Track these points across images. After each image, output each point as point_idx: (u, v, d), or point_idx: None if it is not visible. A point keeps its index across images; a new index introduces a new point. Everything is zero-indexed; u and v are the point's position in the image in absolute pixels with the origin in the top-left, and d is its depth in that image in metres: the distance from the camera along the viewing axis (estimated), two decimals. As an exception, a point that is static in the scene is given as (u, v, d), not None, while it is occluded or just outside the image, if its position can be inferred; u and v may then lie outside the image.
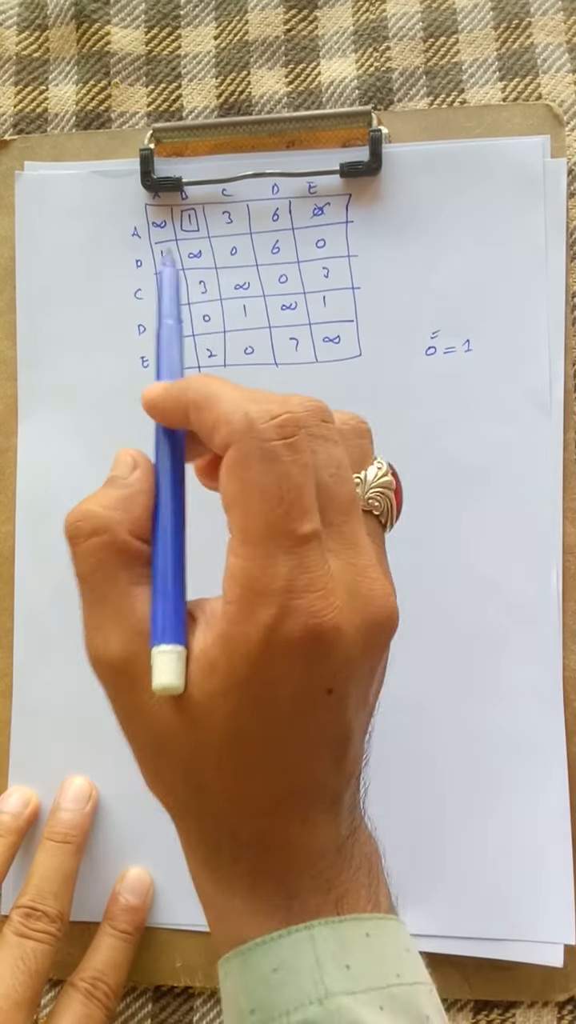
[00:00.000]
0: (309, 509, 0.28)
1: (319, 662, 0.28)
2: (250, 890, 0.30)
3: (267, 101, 0.49)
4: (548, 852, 0.42)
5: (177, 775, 0.30)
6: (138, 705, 0.29)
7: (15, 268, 0.48)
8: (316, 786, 0.30)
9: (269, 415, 0.28)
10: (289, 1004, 0.27)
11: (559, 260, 0.45)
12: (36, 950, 0.39)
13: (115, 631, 0.30)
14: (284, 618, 0.27)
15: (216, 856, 0.30)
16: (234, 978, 0.29)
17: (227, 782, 0.29)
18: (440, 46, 0.49)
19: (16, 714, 0.46)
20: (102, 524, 0.30)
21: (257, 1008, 0.28)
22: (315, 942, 0.28)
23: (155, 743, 0.30)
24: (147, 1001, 0.44)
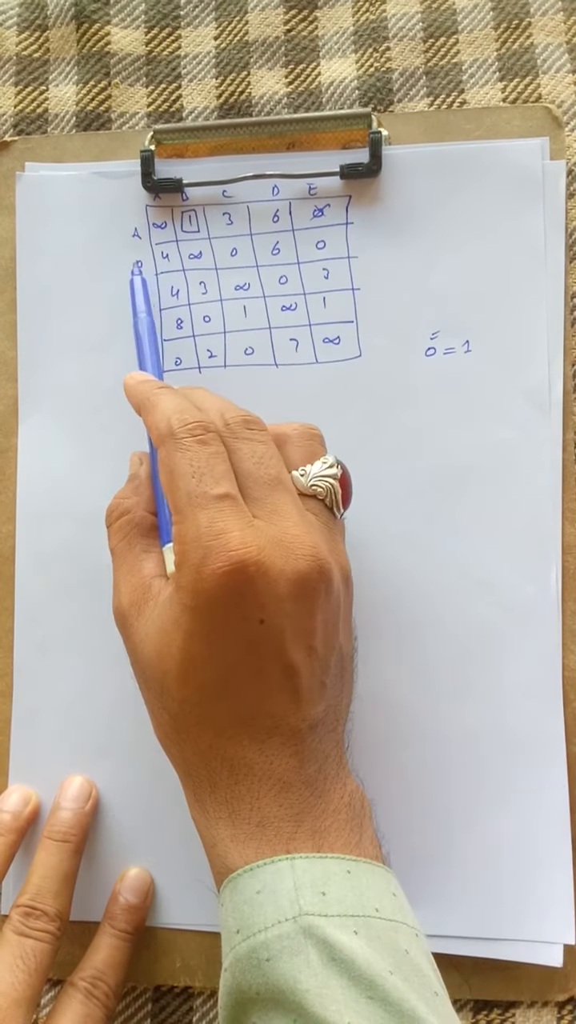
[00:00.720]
0: (220, 479, 0.34)
1: (245, 591, 0.33)
2: (229, 817, 0.34)
3: (267, 101, 0.50)
4: (548, 852, 0.42)
5: (159, 705, 0.36)
6: (134, 645, 0.36)
7: (16, 269, 0.48)
8: (271, 717, 0.34)
9: (184, 423, 0.36)
10: (267, 921, 0.32)
11: (558, 262, 0.45)
12: (35, 949, 0.40)
13: (127, 585, 0.37)
14: (208, 555, 0.33)
15: (200, 787, 0.35)
16: (226, 904, 0.33)
17: (192, 707, 0.34)
18: (440, 46, 0.49)
19: (16, 714, 0.46)
20: (126, 507, 0.39)
21: (242, 927, 0.32)
22: (295, 870, 0.33)
23: (144, 677, 0.36)
24: (147, 1001, 0.44)
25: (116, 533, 0.39)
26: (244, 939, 0.32)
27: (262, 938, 0.31)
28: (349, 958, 0.30)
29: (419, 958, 0.32)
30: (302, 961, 0.30)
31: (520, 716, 0.43)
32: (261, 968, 0.31)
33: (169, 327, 0.47)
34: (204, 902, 0.44)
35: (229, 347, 0.46)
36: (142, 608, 0.36)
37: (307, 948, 0.31)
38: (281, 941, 0.31)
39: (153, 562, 0.38)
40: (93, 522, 0.46)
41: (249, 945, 0.31)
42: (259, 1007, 0.31)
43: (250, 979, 0.31)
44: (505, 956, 0.42)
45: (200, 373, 0.46)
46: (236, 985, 0.32)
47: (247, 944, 0.32)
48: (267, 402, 0.46)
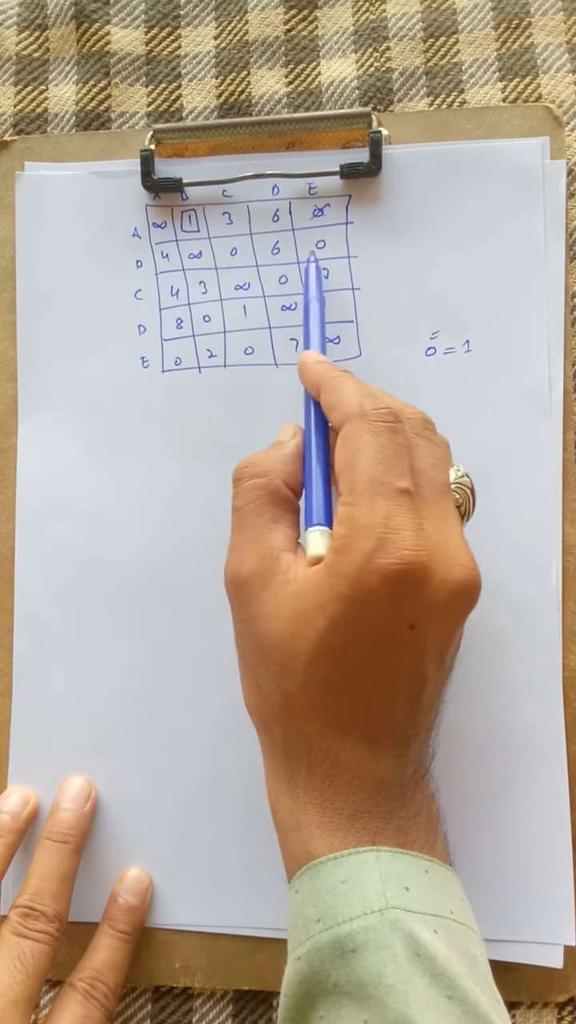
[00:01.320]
0: (404, 472, 0.34)
1: (407, 594, 0.32)
2: (321, 804, 0.34)
3: (267, 101, 0.49)
4: (548, 852, 0.42)
5: (273, 682, 0.34)
6: (255, 615, 0.35)
7: (15, 268, 0.48)
8: (388, 720, 0.34)
9: (376, 406, 0.35)
10: (353, 912, 0.31)
11: (559, 261, 0.45)
12: (34, 949, 0.39)
13: (251, 552, 0.36)
14: (380, 548, 0.32)
15: (295, 769, 0.35)
16: (304, 891, 0.33)
17: (312, 693, 0.33)
18: (440, 46, 0.49)
19: (16, 714, 0.46)
20: (262, 470, 0.37)
21: (324, 916, 0.31)
22: (380, 862, 0.32)
23: (261, 650, 0.35)
24: (146, 1002, 0.44)
25: (246, 493, 0.37)
26: (326, 928, 0.31)
27: (347, 928, 0.31)
28: (432, 955, 0.30)
29: (484, 965, 0.32)
30: (388, 955, 0.30)
31: (520, 716, 0.43)
32: (345, 959, 0.30)
33: (169, 327, 0.47)
34: (204, 902, 0.44)
35: (229, 347, 0.46)
36: (269, 580, 0.35)
37: (394, 942, 0.30)
38: (367, 933, 0.30)
39: (282, 535, 0.36)
40: (93, 522, 0.46)
41: (333, 935, 0.31)
42: (332, 999, 0.31)
43: (329, 969, 0.31)
44: (505, 957, 0.42)
45: (200, 373, 0.46)
46: (312, 974, 0.31)
47: (330, 934, 0.31)
48: (267, 402, 0.46)
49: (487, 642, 0.44)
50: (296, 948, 0.32)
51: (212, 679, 0.45)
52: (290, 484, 0.38)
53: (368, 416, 0.35)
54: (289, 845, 0.35)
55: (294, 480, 0.38)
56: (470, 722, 0.43)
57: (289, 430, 0.40)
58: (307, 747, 0.34)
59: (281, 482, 0.37)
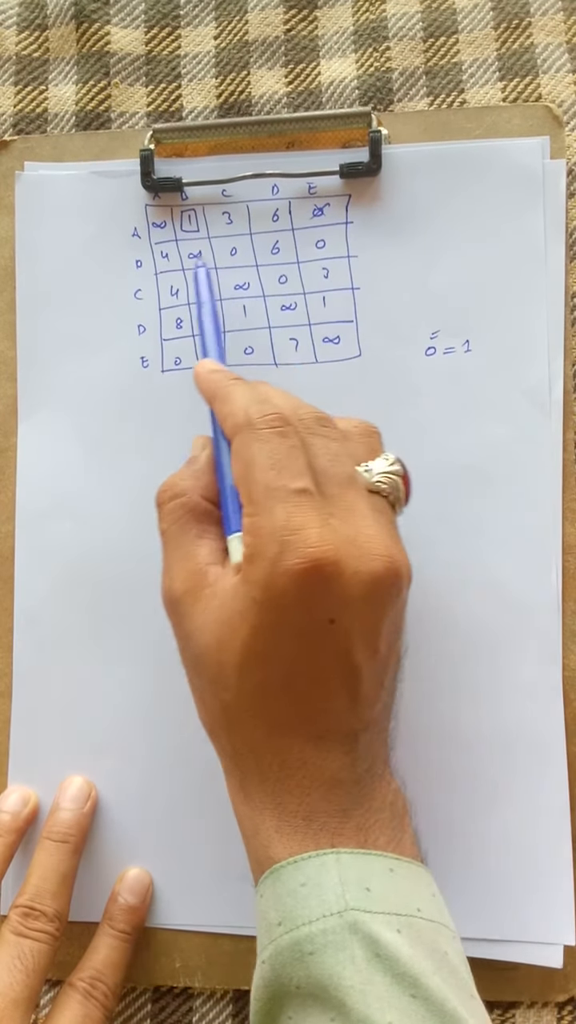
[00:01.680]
0: (300, 473, 0.34)
1: (319, 591, 0.32)
2: (276, 808, 0.34)
3: (267, 101, 0.49)
4: (548, 852, 0.42)
5: (211, 693, 0.35)
6: (188, 632, 0.35)
7: (15, 268, 0.48)
8: (329, 717, 0.34)
9: (263, 413, 0.35)
10: (312, 915, 0.31)
11: (558, 261, 0.45)
12: (34, 949, 0.39)
13: (180, 570, 0.36)
14: (284, 550, 0.32)
15: (247, 776, 0.35)
16: (267, 895, 0.33)
17: (248, 700, 0.34)
18: (440, 46, 0.49)
19: (16, 714, 0.46)
20: (180, 489, 0.38)
21: (284, 919, 0.32)
22: (340, 865, 0.32)
23: (196, 665, 0.36)
24: (146, 1001, 0.44)
25: (168, 515, 0.37)
26: (287, 931, 0.31)
27: (306, 931, 0.31)
28: (393, 955, 0.30)
29: (456, 960, 0.32)
30: (347, 956, 0.30)
31: (520, 716, 0.43)
32: (304, 961, 0.30)
33: (169, 327, 0.47)
34: (204, 902, 0.44)
35: (229, 346, 0.46)
36: (198, 595, 0.35)
37: (352, 943, 0.30)
38: (326, 935, 0.30)
39: (208, 548, 0.37)
40: (93, 522, 0.46)
41: (292, 938, 0.31)
42: (297, 1001, 0.31)
43: (291, 972, 0.31)
44: (505, 957, 0.42)
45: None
46: (275, 977, 0.31)
47: (290, 937, 0.31)
48: (267, 401, 0.46)
49: (487, 642, 0.44)
50: (261, 952, 0.32)
51: (212, 679, 0.45)
52: (208, 497, 0.38)
53: (254, 425, 0.35)
54: (252, 851, 0.35)
55: (211, 492, 0.38)
56: (470, 722, 0.43)
57: (199, 443, 0.40)
58: (255, 753, 0.35)
59: (200, 497, 0.38)
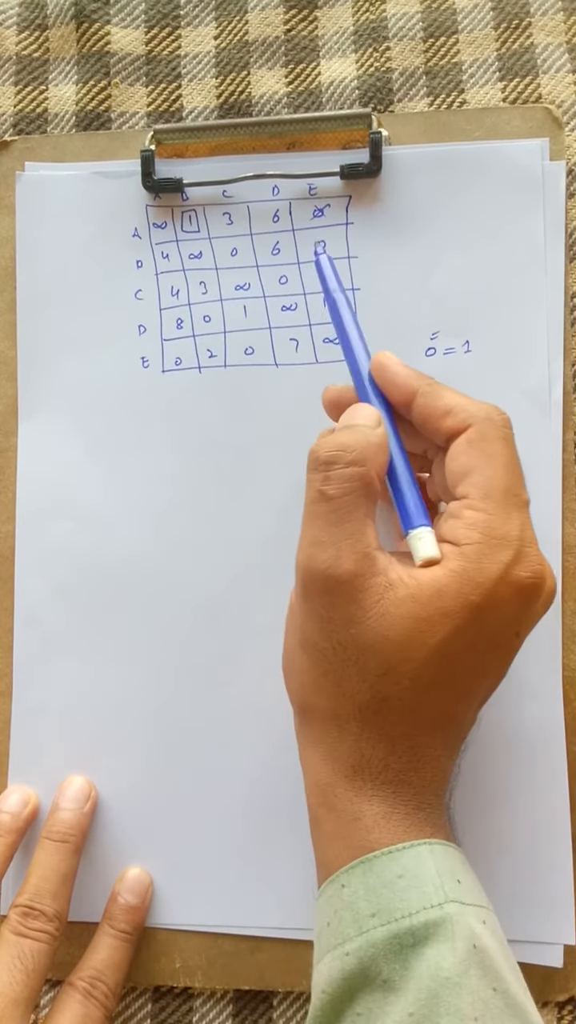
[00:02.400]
0: (524, 485, 0.35)
1: (526, 606, 0.33)
2: (390, 796, 0.34)
3: (267, 101, 0.49)
4: (548, 852, 0.42)
5: (367, 683, 0.33)
6: (351, 618, 0.33)
7: (16, 269, 0.48)
8: (466, 720, 0.35)
9: (500, 413, 0.35)
10: (412, 907, 0.31)
11: (558, 262, 0.45)
12: (34, 949, 0.40)
13: (349, 549, 0.33)
14: (518, 561, 0.33)
15: (367, 764, 0.34)
16: (355, 885, 0.32)
17: (412, 696, 0.33)
18: (440, 46, 0.49)
19: (16, 714, 0.46)
20: (361, 458, 0.34)
21: (379, 911, 0.31)
22: (434, 856, 0.32)
23: (357, 653, 0.33)
24: (147, 1001, 0.44)
25: (341, 481, 0.34)
26: (383, 923, 0.31)
27: (407, 924, 0.31)
28: (484, 948, 0.30)
29: (511, 956, 0.33)
30: (448, 948, 0.30)
31: (520, 716, 0.43)
32: (403, 954, 0.30)
33: (169, 327, 0.47)
34: (204, 902, 0.44)
35: (229, 347, 0.46)
36: (369, 581, 0.33)
37: (454, 935, 0.30)
38: (427, 928, 0.30)
39: (374, 533, 0.34)
40: (93, 522, 0.46)
41: (390, 930, 0.31)
42: (377, 994, 0.30)
43: (381, 964, 0.30)
44: (505, 956, 0.42)
45: (200, 373, 0.46)
46: (361, 969, 0.31)
47: (387, 929, 0.31)
48: (267, 402, 0.46)
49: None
50: (344, 943, 0.32)
51: (212, 678, 0.45)
52: (380, 477, 0.36)
53: (496, 422, 0.35)
54: (346, 836, 0.34)
55: (382, 473, 0.36)
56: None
57: (367, 413, 0.37)
58: (388, 744, 0.34)
59: (375, 474, 0.35)
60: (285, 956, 0.43)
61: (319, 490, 0.34)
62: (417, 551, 0.34)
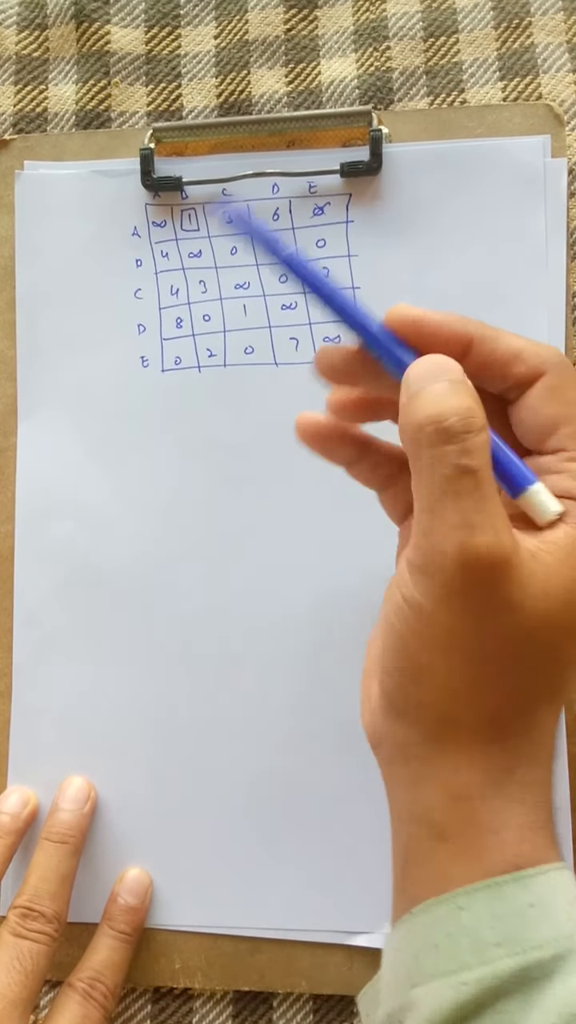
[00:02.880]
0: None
1: None
2: (531, 804, 0.31)
3: (267, 101, 0.49)
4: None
5: (534, 671, 0.31)
6: (512, 601, 0.29)
7: (15, 268, 0.48)
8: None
9: (562, 355, 0.32)
10: (543, 939, 0.28)
11: (559, 260, 0.45)
12: (32, 950, 0.39)
13: (507, 528, 0.29)
14: None
15: (519, 764, 0.31)
16: (477, 910, 0.29)
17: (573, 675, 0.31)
18: (440, 46, 0.49)
19: (15, 714, 0.46)
20: (484, 423, 0.30)
21: (506, 941, 0.29)
22: (564, 883, 0.30)
23: (524, 639, 0.30)
24: (146, 1002, 0.44)
25: (483, 451, 0.29)
26: (510, 954, 0.28)
27: (536, 956, 0.28)
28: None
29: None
30: (574, 983, 0.28)
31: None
32: (526, 987, 0.28)
33: (168, 326, 0.47)
34: (204, 903, 0.44)
35: (229, 346, 0.46)
36: (517, 559, 0.29)
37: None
38: (555, 962, 0.28)
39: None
40: (93, 521, 0.46)
41: (518, 962, 0.28)
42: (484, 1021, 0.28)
43: (500, 995, 0.28)
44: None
45: (200, 372, 0.46)
46: (478, 1000, 0.28)
47: (514, 961, 0.28)
48: (267, 401, 0.46)
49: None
50: (460, 971, 0.29)
51: (212, 678, 0.45)
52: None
53: (570, 366, 0.32)
54: (475, 849, 0.31)
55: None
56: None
57: (454, 367, 0.31)
58: (542, 736, 0.32)
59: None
60: (285, 957, 0.43)
61: (461, 464, 0.29)
62: (544, 507, 0.31)
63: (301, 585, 0.44)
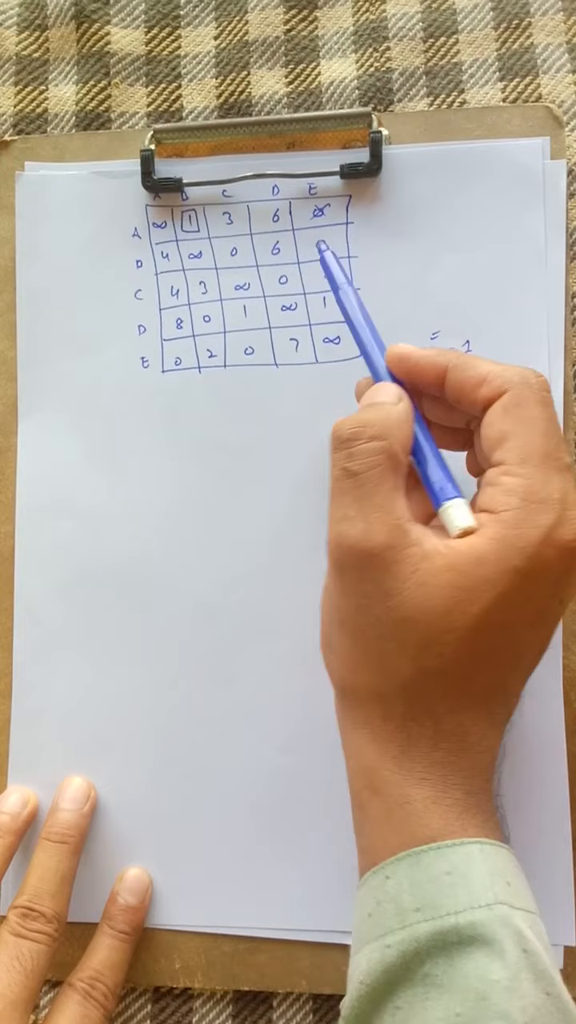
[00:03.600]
0: (567, 447, 0.34)
1: (570, 570, 0.32)
2: (439, 780, 0.33)
3: (267, 101, 0.49)
4: (548, 853, 0.42)
5: (407, 658, 0.33)
6: (386, 590, 0.33)
7: (16, 268, 0.48)
8: (511, 695, 0.34)
9: (537, 376, 0.35)
10: (458, 905, 0.30)
11: (558, 261, 0.45)
12: (32, 950, 0.39)
13: (379, 522, 0.33)
14: (561, 523, 0.32)
15: (414, 744, 0.33)
16: (400, 878, 0.32)
17: (456, 669, 0.33)
18: (440, 46, 0.49)
19: (15, 714, 0.46)
20: (383, 432, 0.34)
21: (424, 906, 0.31)
22: (484, 856, 0.32)
23: (395, 627, 0.33)
24: (146, 1002, 0.44)
25: (365, 456, 0.34)
26: (427, 919, 0.30)
27: (452, 921, 0.30)
28: (535, 951, 0.30)
29: (556, 964, 0.32)
30: (496, 951, 0.29)
31: (520, 716, 0.43)
32: (447, 951, 0.30)
33: (169, 327, 0.47)
34: (204, 903, 0.44)
35: (229, 347, 0.46)
36: (403, 552, 0.33)
37: (504, 938, 0.30)
38: (475, 928, 0.30)
39: (404, 504, 0.34)
40: (93, 522, 0.46)
41: (434, 926, 0.30)
42: (418, 989, 0.30)
43: (424, 958, 0.30)
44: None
45: (200, 373, 0.46)
46: (402, 963, 0.30)
47: (431, 924, 0.30)
48: (267, 402, 0.46)
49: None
50: (385, 935, 0.31)
51: (212, 678, 0.45)
52: (405, 450, 0.35)
53: (533, 385, 0.34)
54: (395, 822, 0.33)
55: (407, 447, 0.36)
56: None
57: (389, 390, 0.37)
58: (434, 722, 0.33)
59: (399, 447, 0.35)
60: (285, 957, 0.43)
61: (343, 467, 0.34)
62: (452, 521, 0.34)
63: (301, 585, 0.44)
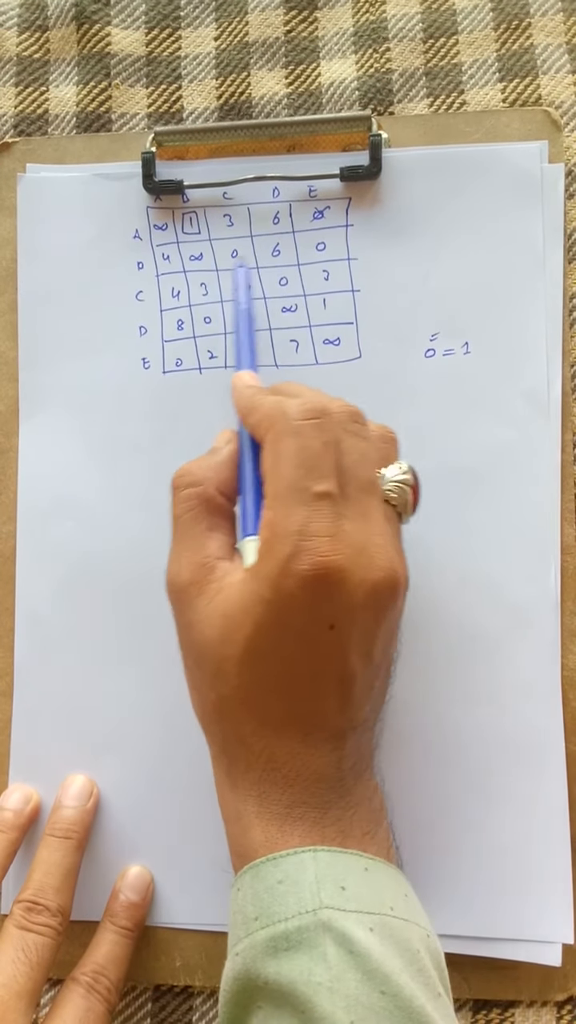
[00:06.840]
0: (326, 475, 0.34)
1: (323, 597, 0.33)
2: (259, 796, 0.35)
3: (267, 102, 0.50)
4: (547, 852, 0.42)
5: (208, 685, 0.36)
6: (190, 621, 0.36)
7: (17, 270, 0.48)
8: (319, 716, 0.35)
9: (300, 406, 0.35)
10: (288, 912, 0.32)
11: (557, 263, 0.45)
12: (37, 943, 0.40)
13: (188, 560, 0.37)
14: (296, 555, 0.33)
15: (235, 765, 0.36)
16: (245, 889, 0.34)
17: (244, 694, 0.35)
18: (440, 47, 0.49)
19: (17, 714, 0.46)
20: (196, 479, 0.38)
21: (261, 915, 0.32)
22: (317, 863, 0.33)
23: (197, 655, 0.36)
24: (147, 1000, 0.44)
25: (183, 502, 0.38)
26: (263, 927, 0.32)
27: (281, 928, 0.31)
28: (365, 952, 0.30)
29: (427, 959, 0.32)
30: (319, 954, 0.31)
31: (519, 716, 0.43)
32: (277, 957, 0.31)
33: (170, 328, 0.47)
34: (204, 901, 0.44)
35: (230, 348, 0.47)
36: (203, 587, 0.36)
37: (325, 941, 0.31)
38: (300, 933, 0.31)
39: (217, 543, 0.37)
40: (94, 522, 0.46)
41: (268, 933, 0.32)
42: (266, 995, 0.31)
43: (261, 966, 0.31)
44: (504, 955, 0.42)
45: (201, 374, 0.47)
46: (246, 971, 0.32)
47: (266, 932, 0.32)
48: (267, 403, 0.46)
49: (486, 642, 0.44)
50: (235, 944, 0.33)
51: (213, 679, 0.45)
52: (224, 491, 0.38)
53: (291, 417, 0.35)
54: (232, 836, 0.36)
55: (228, 487, 0.38)
56: (470, 722, 0.43)
57: (224, 436, 0.40)
58: (244, 745, 0.35)
59: (215, 490, 0.38)
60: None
61: (173, 512, 0.38)
62: (246, 557, 0.36)
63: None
